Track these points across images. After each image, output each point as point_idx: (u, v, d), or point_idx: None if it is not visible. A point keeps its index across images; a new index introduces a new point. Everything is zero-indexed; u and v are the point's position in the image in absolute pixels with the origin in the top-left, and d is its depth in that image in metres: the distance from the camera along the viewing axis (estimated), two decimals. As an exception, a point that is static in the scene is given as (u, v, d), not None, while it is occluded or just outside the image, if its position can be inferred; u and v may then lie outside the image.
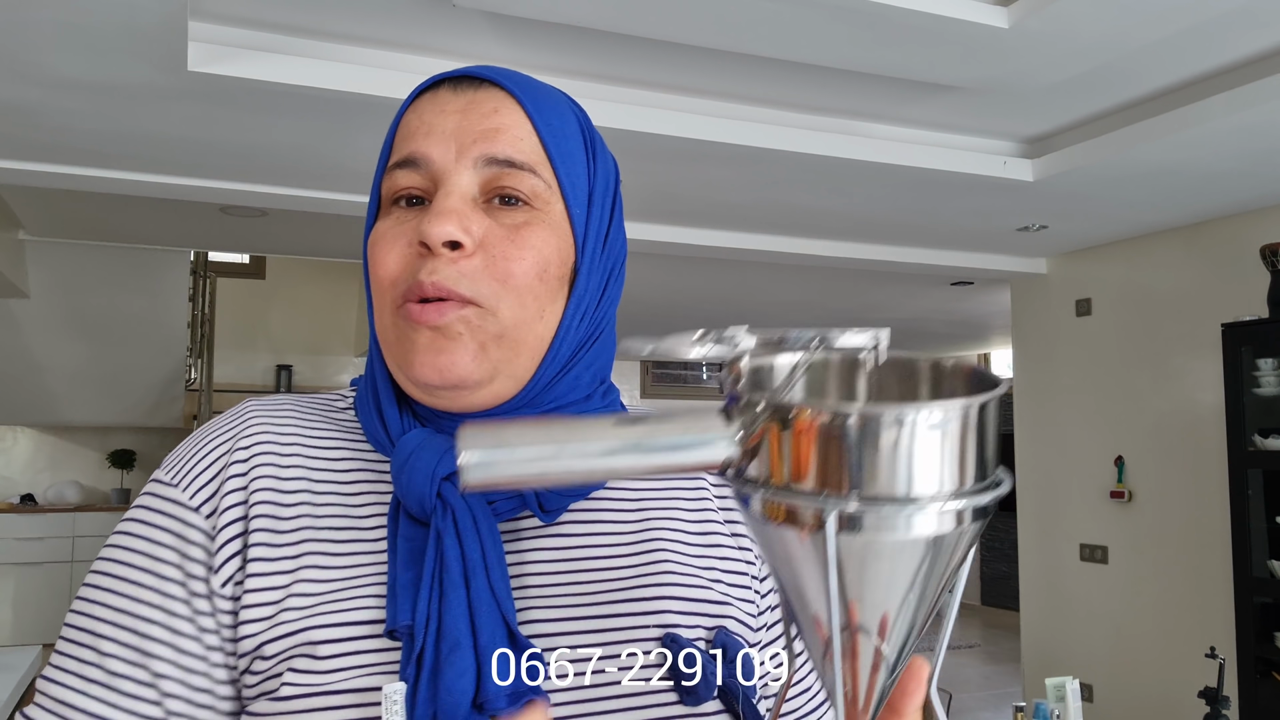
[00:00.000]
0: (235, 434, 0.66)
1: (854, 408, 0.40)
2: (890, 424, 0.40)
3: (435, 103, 0.64)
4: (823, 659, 0.46)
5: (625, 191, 3.99)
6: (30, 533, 7.19)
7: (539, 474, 0.44)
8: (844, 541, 0.41)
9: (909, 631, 0.45)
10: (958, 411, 0.40)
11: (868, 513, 0.40)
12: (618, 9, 2.36)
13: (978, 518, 0.42)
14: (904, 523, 0.40)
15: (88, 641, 0.60)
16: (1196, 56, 2.76)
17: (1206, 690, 2.83)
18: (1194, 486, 4.22)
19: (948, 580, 0.45)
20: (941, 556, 0.42)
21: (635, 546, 0.67)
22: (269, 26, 2.56)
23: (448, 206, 0.60)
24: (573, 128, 0.66)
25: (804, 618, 0.46)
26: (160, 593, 0.61)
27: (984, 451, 0.42)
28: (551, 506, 0.64)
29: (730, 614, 0.67)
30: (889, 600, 0.43)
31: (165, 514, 0.63)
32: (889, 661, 0.46)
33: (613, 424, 0.44)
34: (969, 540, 0.43)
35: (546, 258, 0.62)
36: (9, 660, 2.84)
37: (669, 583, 0.66)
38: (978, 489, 0.42)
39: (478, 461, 0.42)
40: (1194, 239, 4.28)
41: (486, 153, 0.61)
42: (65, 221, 4.99)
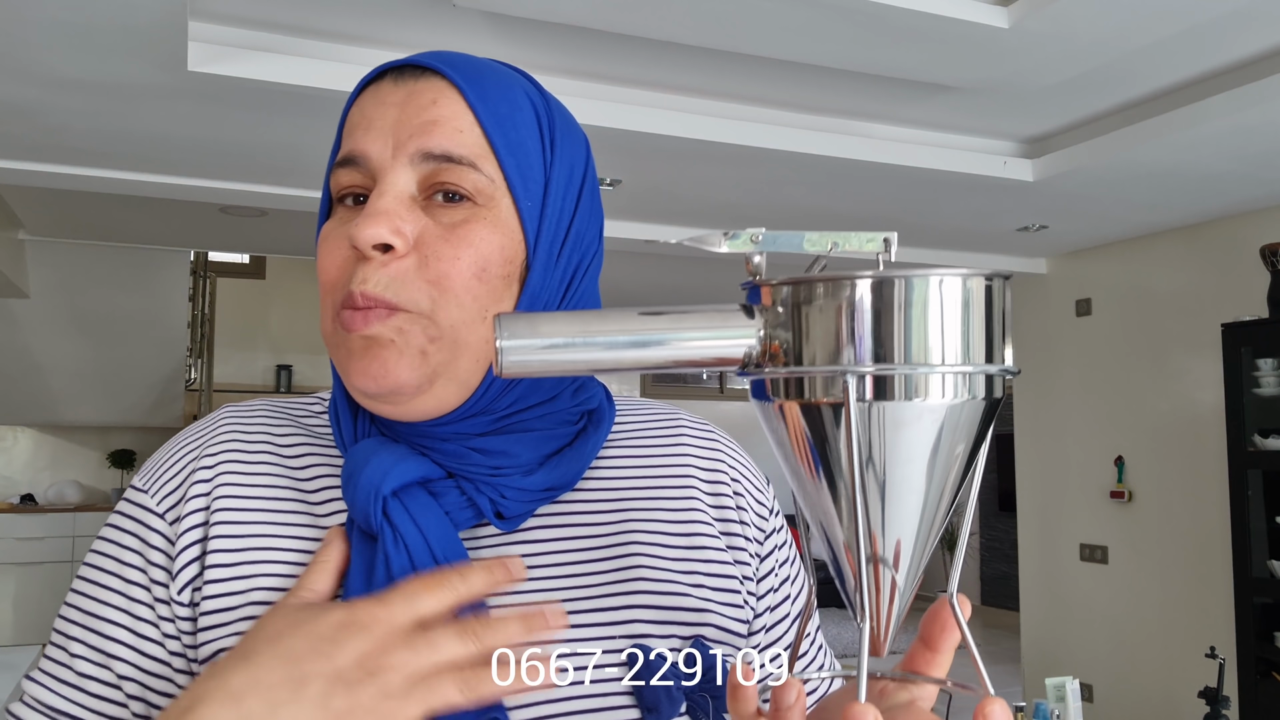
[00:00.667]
0: (204, 441, 0.65)
1: (868, 274, 0.43)
2: (903, 288, 0.42)
3: (376, 95, 0.61)
4: (844, 561, 0.47)
5: (625, 191, 4.00)
6: (30, 533, 7.19)
7: (569, 361, 0.45)
8: (861, 411, 0.43)
9: (922, 520, 0.46)
10: (965, 281, 0.43)
11: (884, 376, 0.42)
12: (618, 9, 2.36)
13: (987, 394, 0.44)
14: (918, 386, 0.42)
15: (60, 643, 0.62)
16: (1196, 57, 2.76)
17: (1207, 690, 2.83)
18: (1194, 486, 4.22)
19: (959, 469, 0.45)
20: (951, 429, 0.44)
21: (607, 552, 0.64)
22: (269, 26, 2.56)
23: (379, 208, 0.57)
24: (525, 114, 0.61)
25: (823, 517, 0.47)
26: (126, 596, 0.61)
27: (992, 332, 0.44)
28: (511, 514, 0.61)
29: (709, 621, 0.64)
30: (906, 478, 0.44)
31: (134, 519, 0.63)
32: (906, 566, 0.46)
33: (637, 315, 0.46)
34: (979, 419, 0.45)
35: (486, 256, 0.58)
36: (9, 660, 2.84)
37: (642, 590, 0.63)
38: (987, 364, 0.44)
39: (512, 347, 0.45)
40: (1194, 239, 4.28)
41: (422, 147, 0.58)
42: (65, 221, 4.99)
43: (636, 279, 5.54)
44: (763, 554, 0.70)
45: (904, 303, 0.42)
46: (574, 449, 0.64)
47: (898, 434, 0.43)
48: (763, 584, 0.70)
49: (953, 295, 0.43)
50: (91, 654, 0.60)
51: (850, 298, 0.43)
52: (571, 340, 0.46)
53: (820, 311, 0.43)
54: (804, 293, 0.44)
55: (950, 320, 0.43)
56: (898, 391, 0.42)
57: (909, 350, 0.42)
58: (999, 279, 0.44)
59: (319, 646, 0.50)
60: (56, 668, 0.61)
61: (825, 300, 0.43)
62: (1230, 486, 3.80)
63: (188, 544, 0.61)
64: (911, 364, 0.42)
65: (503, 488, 0.60)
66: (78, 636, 0.61)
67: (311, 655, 0.50)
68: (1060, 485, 4.91)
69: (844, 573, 0.47)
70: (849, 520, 0.45)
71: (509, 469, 0.61)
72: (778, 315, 0.45)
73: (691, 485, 0.70)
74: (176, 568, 0.61)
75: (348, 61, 2.65)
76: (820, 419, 0.44)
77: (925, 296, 0.43)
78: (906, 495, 0.45)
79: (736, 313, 0.46)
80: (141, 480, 0.65)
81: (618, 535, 0.65)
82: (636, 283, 5.67)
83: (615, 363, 0.46)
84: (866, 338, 0.42)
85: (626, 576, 0.64)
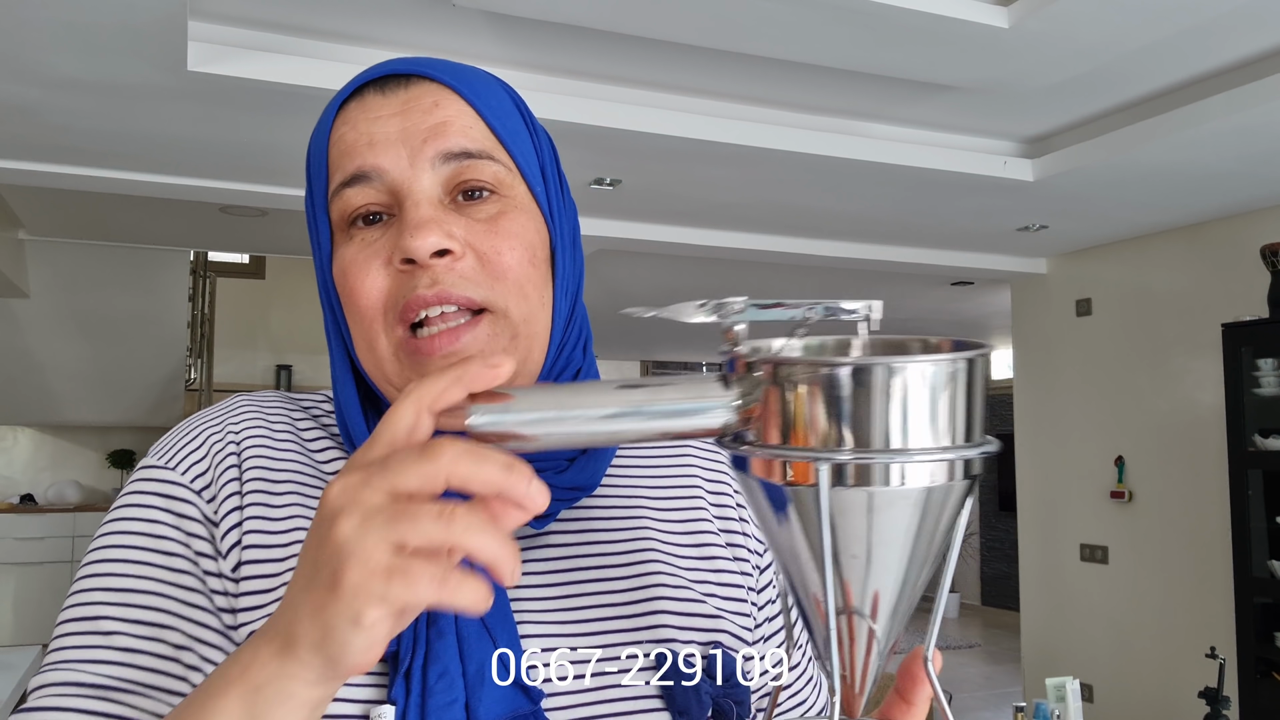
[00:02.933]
0: (224, 422, 0.64)
1: (848, 360, 0.42)
2: (882, 375, 0.41)
3: (366, 110, 0.59)
4: (821, 631, 0.47)
5: (625, 191, 4.01)
6: (30, 533, 7.19)
7: (545, 437, 0.45)
8: (839, 496, 0.42)
9: (901, 594, 0.46)
10: (946, 365, 0.42)
11: (861, 464, 0.42)
12: (617, 9, 2.36)
13: (967, 474, 0.44)
14: (895, 474, 0.42)
15: (85, 628, 0.57)
16: (1196, 57, 2.76)
17: (1207, 690, 2.83)
18: (1194, 486, 4.22)
19: (939, 544, 0.45)
20: (931, 513, 0.43)
21: (627, 557, 0.65)
22: (269, 26, 2.56)
23: (423, 216, 0.56)
24: (509, 106, 0.62)
25: (800, 588, 0.47)
26: (168, 569, 0.58)
27: (972, 411, 0.43)
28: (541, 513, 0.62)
29: (724, 628, 0.65)
30: (883, 559, 0.44)
31: (161, 495, 0.61)
32: (884, 628, 0.46)
33: (615, 389, 0.46)
34: (958, 499, 0.44)
35: (530, 242, 0.59)
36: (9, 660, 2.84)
37: (663, 595, 0.64)
38: (966, 445, 0.43)
39: (484, 423, 0.44)
40: (1194, 239, 4.28)
41: (440, 149, 0.58)
42: (65, 221, 4.99)
43: (636, 279, 5.54)
44: (762, 566, 0.72)
45: (884, 389, 0.41)
46: (596, 452, 0.64)
47: (878, 518, 0.43)
48: (763, 595, 0.71)
49: (935, 379, 0.42)
50: (133, 628, 0.57)
51: (828, 380, 0.41)
52: (544, 415, 0.45)
53: (798, 393, 0.42)
54: (782, 372, 0.43)
55: (931, 405, 0.42)
56: (878, 477, 0.42)
57: (888, 436, 0.42)
58: (980, 357, 0.43)
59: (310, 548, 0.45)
60: (85, 651, 0.56)
61: (803, 382, 0.42)
62: (1230, 486, 3.80)
63: (230, 526, 0.59)
64: (889, 452, 0.42)
65: None
66: (111, 615, 0.57)
67: (309, 542, 0.45)
68: (1060, 485, 4.91)
69: (819, 642, 0.47)
70: (826, 599, 0.45)
71: (541, 464, 0.61)
72: (754, 385, 0.44)
73: (698, 496, 0.71)
74: (224, 547, 0.59)
75: (348, 61, 2.65)
76: (799, 498, 0.43)
77: (905, 382, 0.41)
78: (885, 574, 0.45)
79: (713, 383, 0.46)
80: (160, 458, 0.62)
81: (635, 541, 0.66)
82: (636, 283, 5.67)
83: (591, 437, 0.46)
84: (845, 420, 0.42)
85: (647, 582, 0.64)
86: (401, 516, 0.41)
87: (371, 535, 0.41)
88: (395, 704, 0.54)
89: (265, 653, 0.45)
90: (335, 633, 0.42)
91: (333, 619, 0.42)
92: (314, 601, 0.43)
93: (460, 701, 0.54)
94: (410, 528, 0.41)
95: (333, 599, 0.42)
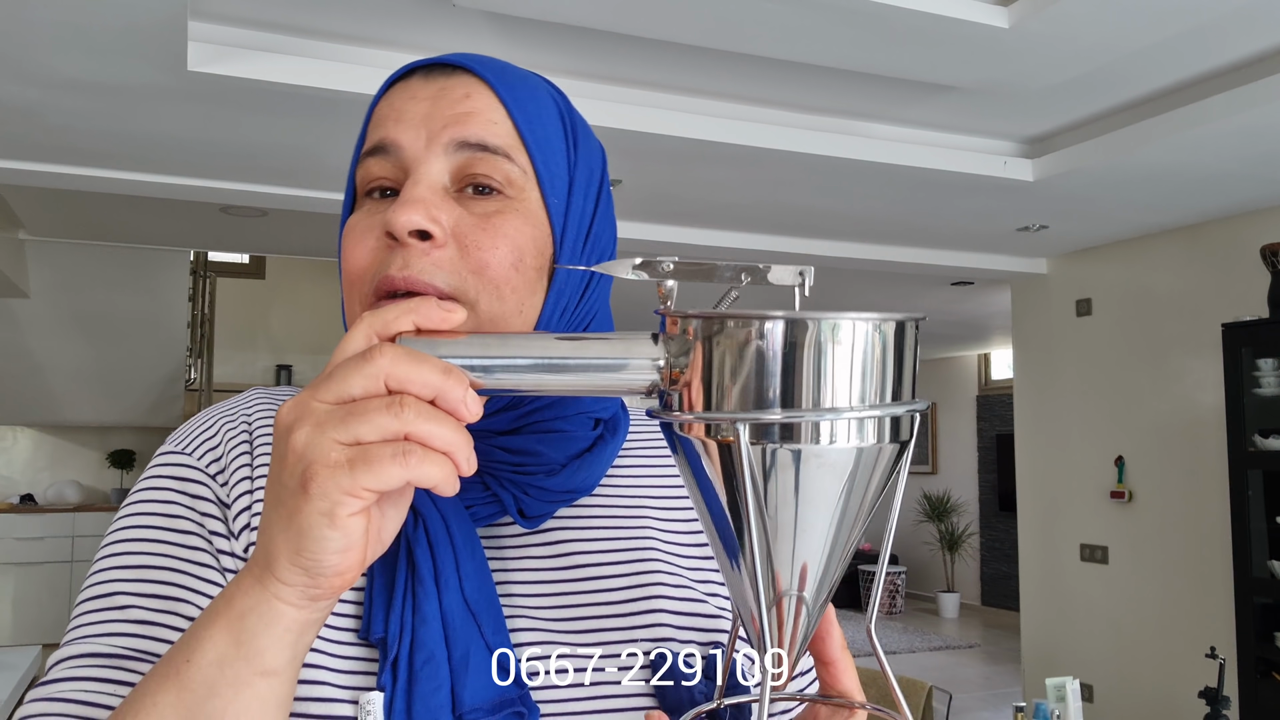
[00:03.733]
0: (237, 412, 0.66)
1: (776, 314, 0.41)
2: (811, 330, 0.41)
3: (406, 90, 0.61)
4: (750, 595, 0.46)
5: (625, 191, 4.00)
6: (30, 533, 7.19)
7: (470, 378, 0.45)
8: (762, 456, 0.42)
9: (830, 559, 0.45)
10: (873, 324, 0.42)
11: (786, 423, 0.41)
12: (618, 9, 2.36)
13: (895, 438, 0.43)
14: (818, 432, 0.41)
15: (101, 605, 0.58)
16: (1196, 58, 2.76)
17: (1207, 690, 2.83)
18: (1194, 486, 4.23)
19: (867, 508, 0.45)
20: (861, 476, 0.43)
21: (626, 555, 0.65)
22: (269, 26, 2.56)
23: (414, 195, 0.57)
24: (551, 114, 0.63)
25: (730, 554, 0.46)
26: (181, 545, 0.60)
27: (901, 376, 0.43)
28: (533, 513, 0.62)
29: (722, 627, 0.65)
30: (809, 521, 0.44)
31: (175, 477, 0.62)
32: (812, 592, 0.46)
33: (549, 340, 0.46)
34: (887, 464, 0.44)
35: (521, 247, 0.59)
36: (9, 660, 2.84)
37: (663, 594, 0.64)
38: (892, 404, 0.43)
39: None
40: (1194, 239, 4.29)
41: (458, 136, 0.58)
42: (65, 221, 4.99)
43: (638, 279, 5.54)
44: None
45: (814, 343, 0.41)
46: (594, 454, 0.64)
47: (804, 475, 0.42)
48: None
49: (863, 338, 0.42)
50: (148, 602, 0.58)
51: (759, 336, 0.41)
52: (469, 362, 0.45)
53: (727, 348, 0.42)
54: (712, 327, 0.42)
55: (860, 363, 0.42)
56: (806, 435, 0.41)
57: (817, 395, 0.41)
58: (910, 322, 0.43)
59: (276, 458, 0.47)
60: (101, 626, 0.57)
61: (733, 337, 0.42)
62: (1230, 487, 3.80)
63: (241, 508, 0.61)
64: (817, 410, 0.41)
65: (526, 485, 0.61)
66: (126, 590, 0.58)
67: (272, 469, 0.46)
68: (1060, 485, 4.91)
69: (749, 608, 0.47)
70: (752, 560, 0.44)
71: (533, 468, 0.61)
72: (685, 345, 0.44)
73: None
74: (236, 528, 0.60)
75: (348, 61, 2.65)
76: (724, 455, 0.43)
77: (835, 338, 0.41)
78: (812, 535, 0.44)
79: (644, 341, 0.46)
80: (176, 445, 0.64)
81: (635, 540, 0.66)
82: (637, 283, 5.66)
83: (516, 385, 0.46)
84: (773, 376, 0.41)
85: (646, 581, 0.64)
86: (351, 415, 0.43)
87: (327, 435, 0.43)
88: (383, 690, 0.55)
89: (247, 581, 0.46)
90: (310, 535, 0.43)
91: (306, 521, 0.43)
92: (286, 513, 0.44)
93: (446, 687, 0.55)
94: (361, 422, 0.42)
95: (304, 501, 0.43)
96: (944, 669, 7.12)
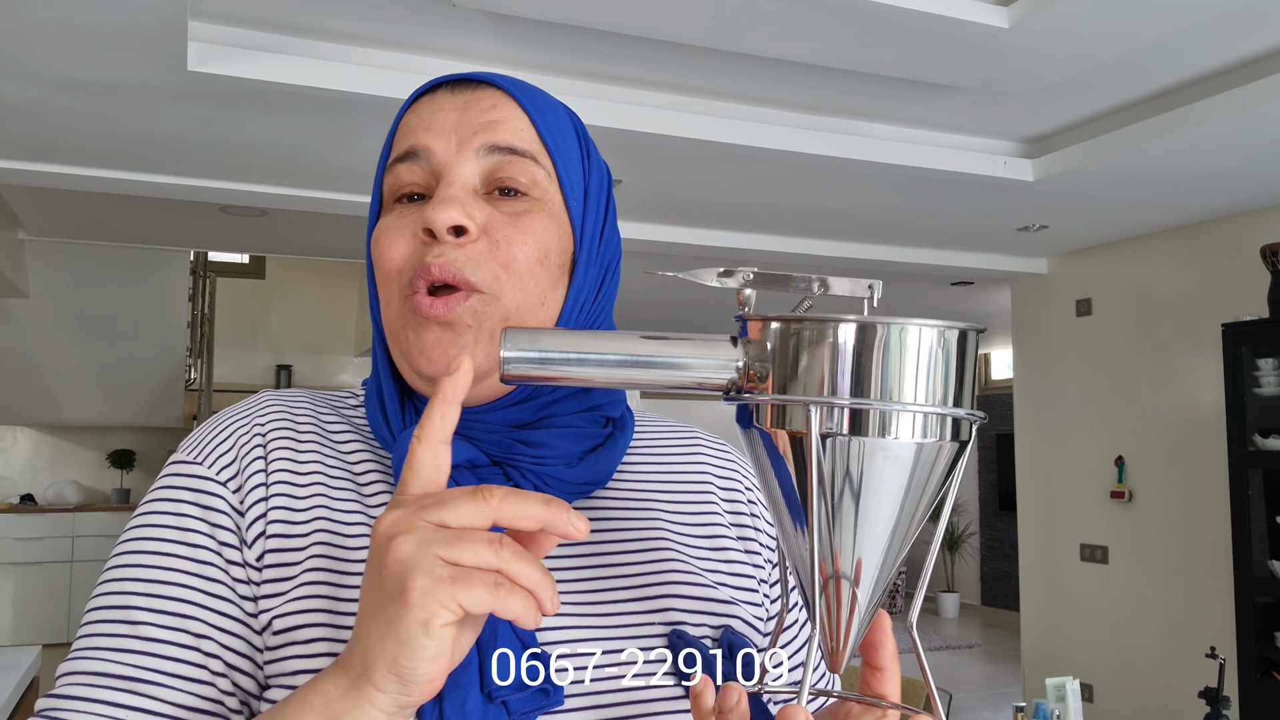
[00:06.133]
0: (251, 418, 0.67)
1: (850, 317, 0.46)
2: (881, 333, 0.45)
3: (434, 103, 0.65)
4: (807, 578, 0.49)
5: (625, 191, 4.00)
6: (30, 533, 7.19)
7: (564, 375, 0.50)
8: (832, 445, 0.46)
9: (888, 551, 0.49)
10: (939, 331, 0.46)
11: (859, 412, 0.45)
12: (617, 9, 2.36)
13: (955, 437, 0.47)
14: (886, 423, 0.45)
15: (115, 616, 0.60)
16: (1196, 56, 2.76)
17: (1207, 690, 2.82)
18: (1194, 486, 4.22)
19: (925, 505, 0.48)
20: (920, 471, 0.47)
21: (640, 544, 0.68)
22: (269, 26, 2.56)
23: (450, 194, 0.61)
24: (568, 128, 0.67)
25: (792, 539, 0.50)
26: (192, 560, 0.61)
27: (962, 381, 0.47)
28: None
29: (737, 614, 0.67)
30: (870, 512, 0.47)
31: (189, 488, 0.63)
32: (868, 586, 0.49)
33: (635, 339, 0.51)
34: (946, 462, 0.47)
35: (547, 244, 0.63)
36: (9, 660, 2.84)
37: (675, 581, 0.66)
38: (955, 407, 0.47)
39: (514, 357, 0.50)
40: (1194, 239, 4.28)
41: (488, 141, 0.63)
42: (65, 221, 4.99)
43: (637, 279, 5.54)
44: (774, 560, 0.74)
45: (882, 345, 0.45)
46: (606, 449, 0.67)
47: (869, 466, 0.46)
48: (775, 588, 0.73)
49: (928, 342, 0.46)
50: (159, 618, 0.59)
51: (832, 337, 0.46)
52: (567, 355, 0.50)
53: (802, 349, 0.46)
54: (790, 330, 0.47)
55: (924, 365, 0.46)
56: (872, 427, 0.45)
57: (884, 389, 0.45)
58: (973, 332, 0.47)
59: (373, 563, 0.48)
60: (114, 639, 0.59)
61: (808, 338, 0.46)
62: (1230, 486, 3.80)
63: (255, 516, 0.62)
64: (884, 400, 0.45)
65: (546, 476, 0.64)
66: (139, 605, 0.60)
67: (368, 576, 0.48)
68: (1060, 485, 4.91)
69: (810, 595, 0.50)
70: (815, 542, 0.48)
71: (552, 460, 0.64)
72: (762, 349, 0.48)
73: (709, 492, 0.74)
74: (250, 536, 0.62)
75: (348, 61, 2.65)
76: (796, 448, 0.47)
77: (902, 341, 0.45)
78: (873, 526, 0.48)
79: (724, 344, 0.50)
80: (188, 453, 0.65)
81: (649, 531, 0.69)
82: (637, 283, 5.67)
83: (606, 379, 0.51)
84: (844, 375, 0.45)
85: (660, 569, 0.67)
86: (458, 539, 0.46)
87: (432, 551, 0.45)
88: None
89: (344, 683, 0.48)
90: (408, 643, 0.45)
91: (404, 629, 0.45)
92: (385, 619, 0.46)
93: (474, 665, 0.56)
94: (466, 548, 0.46)
95: (404, 609, 0.45)
96: (944, 669, 7.11)
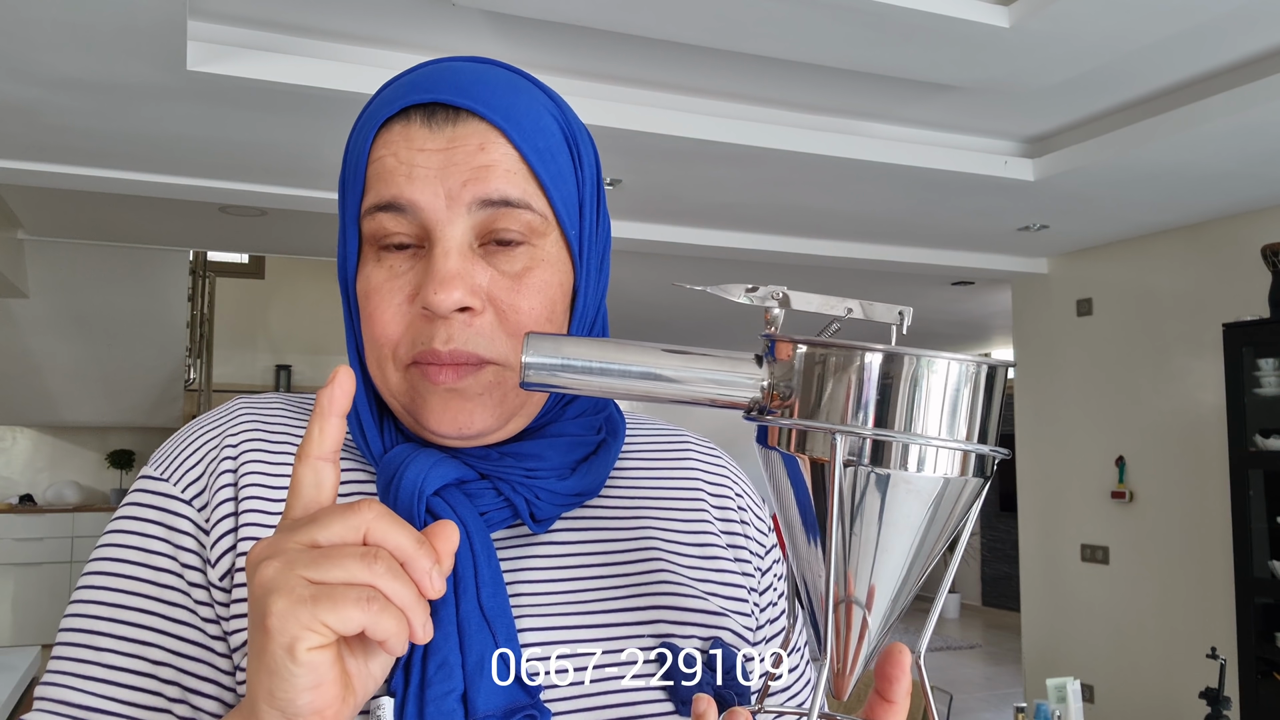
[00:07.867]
0: (223, 430, 0.64)
1: (880, 346, 0.45)
2: (910, 365, 0.44)
3: (410, 140, 0.58)
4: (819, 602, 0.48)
5: (625, 191, 4.00)
6: (29, 533, 7.18)
7: (586, 383, 0.49)
8: (853, 475, 0.45)
9: (902, 585, 0.48)
10: (969, 366, 0.45)
11: (881, 443, 0.44)
12: (617, 9, 2.36)
13: (979, 472, 0.46)
14: (909, 457, 0.44)
15: (82, 640, 0.59)
16: (1196, 57, 2.76)
17: (1207, 691, 2.82)
18: (1195, 487, 4.22)
19: (943, 540, 0.47)
20: (943, 507, 0.46)
21: (631, 555, 0.66)
22: (268, 26, 2.56)
23: (450, 270, 0.56)
24: (556, 137, 0.62)
25: (805, 564, 0.49)
26: (154, 584, 0.60)
27: (988, 417, 0.46)
28: (543, 516, 0.62)
29: (726, 625, 0.66)
30: (889, 544, 0.46)
31: (155, 507, 0.62)
32: (879, 617, 0.48)
33: (659, 352, 0.50)
34: (968, 498, 0.46)
35: (552, 299, 0.60)
36: (9, 660, 2.84)
37: (665, 592, 0.65)
38: (979, 444, 0.46)
39: (535, 364, 0.49)
40: (1195, 239, 4.28)
41: (480, 195, 0.58)
42: (65, 221, 4.99)
43: (638, 279, 5.54)
44: (764, 568, 0.73)
45: (910, 377, 0.44)
46: (598, 458, 0.66)
47: (891, 498, 0.45)
48: (764, 596, 0.72)
49: (956, 377, 0.45)
50: (120, 644, 0.58)
51: (859, 365, 0.45)
52: (589, 364, 0.49)
53: (828, 374, 0.45)
54: (817, 354, 0.46)
55: (950, 399, 0.45)
56: (895, 459, 0.44)
57: (910, 421, 0.44)
58: (1002, 368, 0.46)
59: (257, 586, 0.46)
60: (79, 665, 0.59)
61: (834, 364, 0.45)
62: (1231, 487, 3.80)
63: (222, 533, 0.60)
64: (910, 434, 0.44)
65: (536, 489, 0.62)
66: (104, 630, 0.59)
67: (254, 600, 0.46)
68: (1061, 485, 4.91)
69: (818, 620, 0.49)
70: (831, 571, 0.47)
71: (543, 472, 0.62)
72: (788, 370, 0.47)
73: (700, 499, 0.72)
74: (214, 555, 0.60)
75: (347, 61, 2.65)
76: (816, 473, 0.46)
77: (930, 374, 0.44)
78: (891, 557, 0.47)
79: (748, 361, 0.49)
80: (157, 469, 0.63)
81: (639, 540, 0.67)
82: (638, 283, 5.67)
83: (627, 391, 0.50)
84: (869, 404, 0.44)
85: (650, 579, 0.65)
86: (325, 556, 0.43)
87: (295, 572, 0.42)
88: (394, 695, 0.55)
89: None
90: (277, 673, 0.42)
91: (271, 658, 0.42)
92: (255, 651, 0.43)
93: (458, 692, 0.55)
94: (334, 565, 0.43)
95: (266, 637, 0.42)
96: (945, 669, 7.11)
